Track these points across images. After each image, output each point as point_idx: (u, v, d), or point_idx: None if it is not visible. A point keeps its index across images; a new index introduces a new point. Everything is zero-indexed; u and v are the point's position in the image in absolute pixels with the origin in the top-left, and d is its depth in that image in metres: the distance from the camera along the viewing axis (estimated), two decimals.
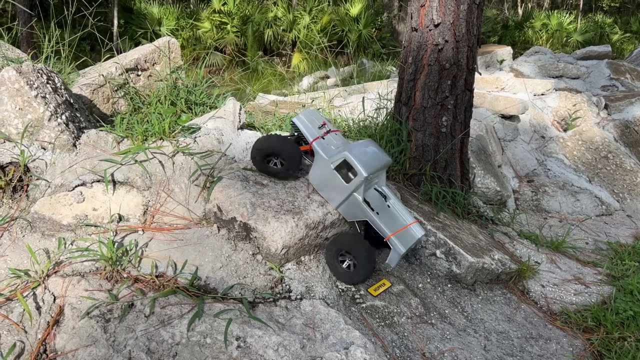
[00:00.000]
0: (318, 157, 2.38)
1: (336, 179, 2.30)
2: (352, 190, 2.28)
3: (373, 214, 2.31)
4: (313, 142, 2.40)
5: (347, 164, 2.25)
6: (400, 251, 2.30)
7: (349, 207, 2.35)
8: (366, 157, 2.27)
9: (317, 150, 2.38)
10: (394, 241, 2.30)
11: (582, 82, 6.30)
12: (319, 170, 2.39)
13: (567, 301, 2.86)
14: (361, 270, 2.27)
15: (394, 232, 2.30)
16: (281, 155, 2.42)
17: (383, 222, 2.31)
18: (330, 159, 2.31)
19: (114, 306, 1.88)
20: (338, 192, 2.33)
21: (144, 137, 2.58)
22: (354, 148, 2.28)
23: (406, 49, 3.29)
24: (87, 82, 3.08)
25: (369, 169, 2.21)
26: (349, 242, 2.28)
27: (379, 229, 2.31)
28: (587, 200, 4.31)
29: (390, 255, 2.33)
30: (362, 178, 2.20)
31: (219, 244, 2.23)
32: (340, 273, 2.31)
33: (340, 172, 2.29)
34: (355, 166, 2.21)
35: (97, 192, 2.29)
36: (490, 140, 4.20)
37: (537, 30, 20.26)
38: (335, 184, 2.32)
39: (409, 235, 2.34)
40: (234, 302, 2.01)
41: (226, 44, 16.71)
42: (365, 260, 2.25)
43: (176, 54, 3.62)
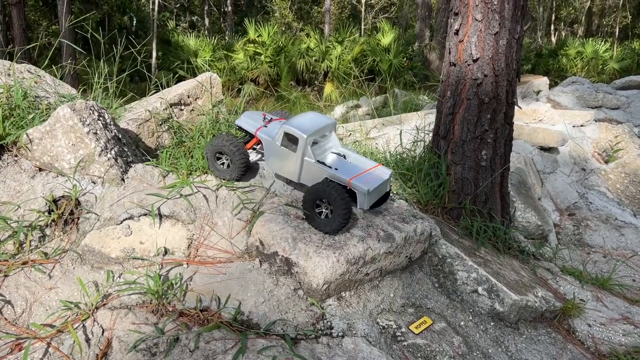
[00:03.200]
0: (265, 142, 2.50)
1: (285, 153, 2.40)
2: (301, 156, 2.35)
3: (331, 170, 2.34)
4: (257, 131, 2.54)
5: (289, 135, 2.36)
6: (364, 190, 2.27)
7: (307, 173, 2.40)
8: (303, 122, 2.39)
9: (262, 137, 2.51)
10: (355, 184, 2.29)
11: (622, 113, 6.17)
12: (269, 153, 2.48)
13: (615, 342, 2.75)
14: (337, 216, 2.28)
15: (353, 176, 2.32)
16: (228, 153, 2.51)
17: (342, 173, 2.34)
18: (274, 138, 2.43)
19: (160, 340, 1.91)
20: (292, 164, 2.41)
21: (189, 172, 2.65)
22: (290, 120, 2.42)
23: (444, 83, 3.31)
24: (134, 117, 3.20)
25: (307, 130, 2.32)
26: (323, 189, 2.29)
27: (339, 179, 2.32)
28: (632, 235, 4.17)
29: (358, 199, 2.31)
30: (304, 139, 2.30)
31: (261, 279, 2.25)
32: (318, 222, 2.35)
33: (286, 146, 2.39)
34: (294, 132, 2.32)
35: (144, 226, 2.35)
36: (529, 172, 4.14)
37: (571, 58, 20.02)
38: (287, 159, 2.41)
39: (371, 177, 2.37)
40: (276, 338, 2.02)
41: (259, 74, 17.08)
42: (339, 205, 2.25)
43: (217, 89, 3.73)
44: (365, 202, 2.32)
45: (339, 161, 2.46)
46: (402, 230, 2.60)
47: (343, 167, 2.42)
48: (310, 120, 2.44)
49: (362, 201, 2.33)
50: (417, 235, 2.67)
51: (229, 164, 2.57)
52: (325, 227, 2.34)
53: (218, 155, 2.58)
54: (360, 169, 2.41)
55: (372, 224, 2.57)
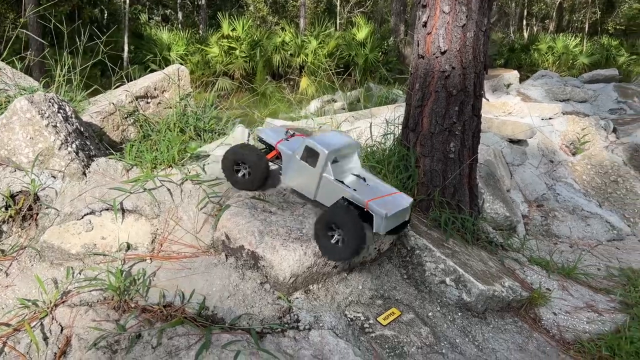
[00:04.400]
0: (285, 156, 2.44)
1: (304, 167, 2.33)
2: (320, 172, 2.28)
3: (350, 189, 2.26)
4: (277, 144, 2.47)
5: (310, 150, 2.29)
6: (382, 214, 2.14)
7: (324, 191, 2.33)
8: (326, 139, 2.33)
9: (282, 150, 2.44)
10: (373, 206, 2.17)
11: (590, 106, 6.29)
12: (288, 167, 2.42)
13: (580, 330, 2.80)
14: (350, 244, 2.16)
15: (372, 199, 2.21)
16: (248, 163, 2.46)
17: (361, 194, 2.24)
18: (294, 151, 2.36)
19: (122, 337, 1.86)
20: (310, 180, 2.33)
21: (153, 165, 2.60)
22: (313, 136, 2.36)
23: (413, 75, 3.31)
24: (98, 110, 3.12)
25: (329, 147, 2.26)
26: (337, 214, 2.19)
27: (357, 200, 2.21)
28: (597, 225, 4.26)
29: (375, 221, 2.18)
30: (325, 155, 2.23)
31: (227, 273, 2.22)
32: (327, 248, 2.23)
33: (306, 160, 2.32)
34: (315, 147, 2.26)
35: (105, 221, 2.30)
36: (498, 165, 4.19)
37: (543, 53, 20.37)
38: (305, 174, 2.33)
39: (391, 202, 2.26)
40: (241, 332, 1.99)
41: (234, 69, 16.92)
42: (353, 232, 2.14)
43: (185, 81, 3.67)
44: (382, 226, 2.18)
45: (358, 183, 2.34)
46: None
47: (362, 189, 2.30)
48: (334, 138, 2.36)
49: (379, 225, 2.18)
50: None
51: (249, 173, 2.49)
52: (335, 255, 2.22)
53: (237, 165, 2.49)
54: (380, 192, 2.30)
55: None
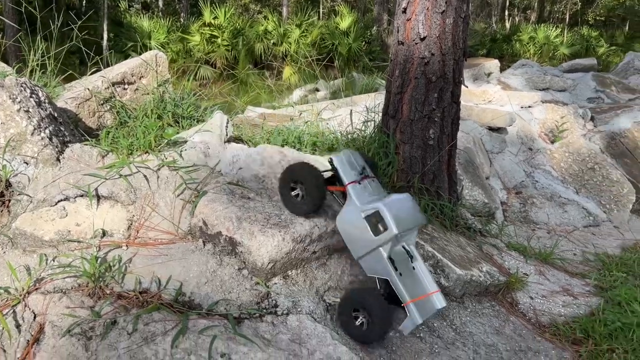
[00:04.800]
0: (350, 201, 2.24)
1: (364, 229, 2.14)
2: (378, 245, 2.12)
3: (396, 274, 2.13)
4: (348, 185, 2.26)
5: (379, 215, 2.11)
6: (416, 321, 2.11)
7: (372, 261, 2.18)
8: (400, 213, 2.14)
9: (350, 194, 2.24)
10: (411, 309, 2.11)
11: (569, 95, 6.36)
12: (348, 215, 2.24)
13: (555, 313, 2.85)
14: (376, 328, 2.12)
15: (413, 299, 2.12)
16: (304, 183, 2.32)
17: (404, 285, 2.13)
18: (362, 206, 2.17)
19: (96, 323, 1.84)
20: (363, 243, 2.17)
21: (129, 151, 2.56)
22: (390, 201, 2.17)
23: (393, 62, 3.31)
24: (73, 96, 3.06)
25: (401, 226, 2.09)
26: (364, 297, 2.14)
27: (399, 292, 2.13)
28: (574, 212, 4.33)
29: (405, 322, 2.14)
30: (392, 234, 2.07)
31: (204, 259, 2.20)
32: (353, 330, 2.16)
33: (369, 223, 2.14)
34: (387, 220, 2.07)
35: (80, 207, 2.26)
36: (477, 152, 4.22)
37: (524, 44, 20.52)
38: (362, 234, 2.16)
39: (429, 305, 2.17)
40: (219, 318, 1.98)
41: (216, 58, 16.73)
42: (380, 318, 2.10)
43: (163, 68, 3.62)
44: (410, 329, 2.15)
45: (404, 263, 2.20)
46: None
47: (407, 275, 2.17)
48: (407, 213, 2.19)
49: (407, 326, 2.14)
50: None
51: (303, 195, 2.35)
52: (360, 337, 2.16)
53: (293, 184, 2.36)
54: (422, 289, 2.18)
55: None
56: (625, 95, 6.60)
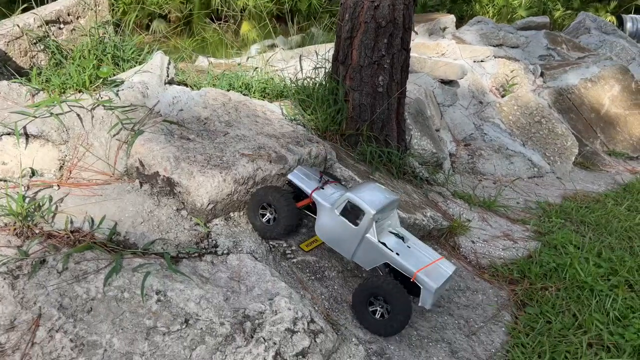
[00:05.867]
0: (320, 207, 2.20)
1: (344, 224, 2.11)
2: (363, 232, 2.09)
3: (393, 254, 2.09)
4: (312, 193, 2.23)
5: (352, 205, 2.09)
6: (432, 288, 2.02)
7: (365, 253, 2.13)
8: (370, 195, 2.12)
9: (318, 200, 2.20)
10: (422, 278, 2.03)
11: (521, 51, 6.44)
12: (324, 220, 2.19)
13: (495, 256, 2.95)
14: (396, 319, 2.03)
15: (420, 269, 2.06)
16: (276, 207, 2.23)
17: (406, 261, 2.08)
18: (333, 205, 2.14)
19: (24, 262, 1.77)
20: (349, 239, 2.12)
21: (62, 90, 2.43)
22: (356, 189, 2.15)
23: (343, 5, 3.23)
24: (1, 33, 2.86)
25: (375, 205, 2.06)
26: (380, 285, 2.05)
27: (403, 269, 2.07)
28: (520, 163, 4.45)
29: (422, 295, 2.05)
30: (371, 215, 2.04)
31: (141, 200, 2.14)
32: (371, 322, 2.09)
33: (346, 217, 2.11)
34: (360, 205, 2.05)
35: (7, 146, 2.14)
36: (429, 104, 4.24)
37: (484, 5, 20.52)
38: (344, 231, 2.12)
39: (437, 272, 2.10)
40: (155, 257, 1.95)
41: (170, 10, 16.05)
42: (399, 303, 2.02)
43: (103, 8, 3.42)
44: (430, 300, 2.04)
45: (398, 244, 2.16)
46: (296, 152, 2.57)
47: (405, 253, 2.12)
48: (378, 195, 2.14)
49: (426, 299, 2.04)
50: (311, 158, 2.66)
51: (274, 219, 2.26)
52: (380, 329, 2.07)
53: (262, 208, 2.27)
54: (425, 260, 2.13)
55: (263, 145, 2.52)
56: (575, 53, 6.73)
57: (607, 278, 2.69)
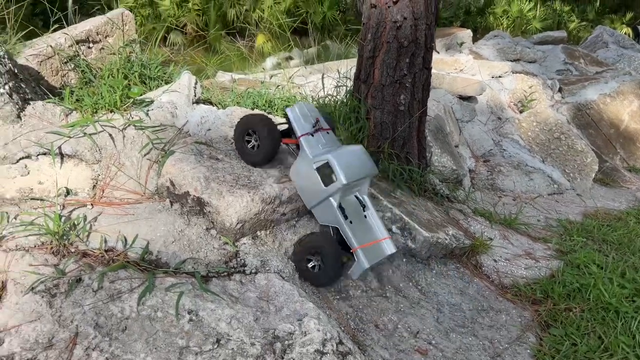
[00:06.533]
0: (303, 153, 2.32)
1: (315, 179, 2.23)
2: (328, 195, 2.22)
3: (346, 222, 2.23)
4: (301, 137, 2.33)
5: (329, 167, 2.20)
6: (363, 266, 2.20)
7: (323, 211, 2.29)
8: (350, 164, 2.22)
9: (303, 146, 2.31)
10: (359, 254, 2.21)
11: (539, 66, 6.44)
12: (300, 166, 2.33)
13: (517, 275, 2.95)
14: (329, 272, 2.23)
15: (362, 245, 2.23)
16: (257, 133, 2.36)
17: (353, 232, 2.23)
18: (314, 158, 2.25)
19: (61, 281, 1.82)
20: (315, 193, 2.27)
21: (94, 110, 2.49)
22: (340, 152, 2.24)
23: (365, 25, 3.28)
24: (34, 53, 2.94)
25: (349, 176, 2.17)
26: (318, 243, 2.25)
27: (348, 239, 2.24)
28: (540, 180, 4.44)
29: (353, 267, 2.24)
30: (341, 185, 2.15)
31: (172, 219, 2.19)
32: (307, 274, 2.26)
33: (320, 174, 2.23)
34: (336, 171, 2.16)
35: (43, 165, 2.20)
36: (448, 120, 4.26)
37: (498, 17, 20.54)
38: (313, 184, 2.25)
39: (378, 250, 2.29)
40: (186, 276, 1.99)
41: (187, 23, 16.28)
42: (333, 262, 2.20)
43: (130, 27, 3.51)
44: (357, 274, 2.24)
45: (356, 212, 2.31)
46: None
47: (358, 222, 2.29)
48: (356, 164, 2.27)
49: (356, 272, 2.23)
50: None
51: (257, 146, 2.40)
52: (312, 279, 2.26)
53: (248, 134, 2.41)
54: (371, 236, 2.30)
55: (288, 164, 2.56)
56: (593, 67, 6.72)
57: (631, 299, 2.67)
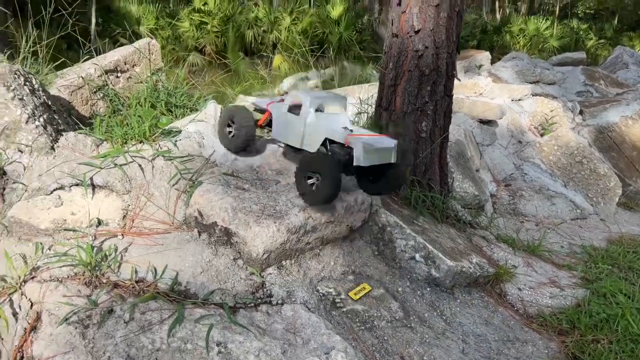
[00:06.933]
0: (274, 114, 2.53)
1: (290, 118, 2.43)
2: (305, 119, 2.37)
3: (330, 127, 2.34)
4: (269, 104, 2.56)
5: (296, 103, 2.42)
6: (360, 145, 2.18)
7: (309, 137, 2.39)
8: (310, 92, 2.45)
9: (272, 109, 2.54)
10: (351, 140, 2.24)
11: (558, 88, 6.43)
12: (277, 123, 2.52)
13: (542, 304, 2.92)
14: (325, 189, 2.25)
15: (352, 135, 2.27)
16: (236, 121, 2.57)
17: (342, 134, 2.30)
18: (283, 107, 2.49)
19: (93, 312, 1.86)
20: (296, 129, 2.42)
21: (124, 140, 2.56)
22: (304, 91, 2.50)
23: (387, 54, 3.32)
24: (66, 84, 3.05)
25: (313, 96, 2.37)
26: (317, 162, 2.29)
27: (338, 138, 2.30)
28: (562, 204, 4.40)
29: (354, 152, 2.21)
30: (308, 101, 2.34)
31: (200, 249, 2.22)
32: (306, 192, 2.33)
33: (292, 112, 2.44)
34: (299, 96, 2.40)
35: (75, 196, 2.26)
36: (468, 144, 4.27)
37: (514, 35, 20.60)
38: (291, 124, 2.43)
39: (373, 139, 2.30)
40: (214, 307, 2.01)
41: (206, 44, 16.59)
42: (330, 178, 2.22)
43: (156, 56, 3.60)
44: (362, 157, 2.18)
45: (343, 131, 2.37)
46: (344, 199, 2.63)
47: (345, 132, 2.35)
48: (320, 93, 2.51)
49: (358, 155, 2.18)
50: (357, 205, 2.71)
51: (235, 134, 2.58)
52: (313, 198, 2.33)
53: (228, 124, 2.62)
54: (362, 133, 2.39)
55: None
56: (613, 89, 6.68)
57: None
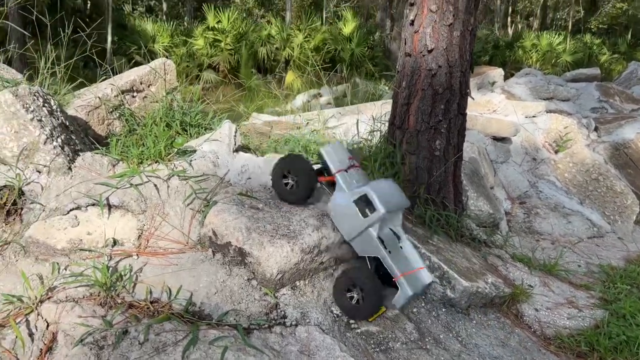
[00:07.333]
0: (339, 188, 2.43)
1: (354, 212, 2.33)
2: (367, 226, 2.30)
3: (385, 251, 2.32)
4: (337, 173, 2.45)
5: (367, 199, 2.30)
6: (408, 293, 2.30)
7: (363, 242, 2.37)
8: (386, 195, 2.34)
9: (339, 182, 2.43)
10: (402, 282, 2.30)
11: (572, 104, 6.38)
12: (338, 200, 2.42)
13: (560, 325, 2.87)
14: (368, 304, 2.28)
15: (403, 273, 2.32)
16: (296, 172, 2.52)
17: (394, 262, 2.32)
18: (351, 192, 2.36)
19: (108, 333, 1.86)
20: (354, 226, 2.35)
21: (140, 160, 2.59)
22: (375, 185, 2.37)
23: (400, 73, 3.33)
24: (83, 104, 3.09)
25: (387, 206, 2.27)
26: (357, 276, 2.31)
27: (390, 268, 2.32)
28: (578, 222, 4.35)
29: (397, 295, 2.33)
30: (380, 214, 2.25)
31: (214, 269, 2.22)
32: (347, 307, 2.32)
33: (358, 206, 2.33)
34: (374, 202, 2.26)
35: (92, 216, 2.28)
36: (482, 162, 4.24)
37: (527, 50, 20.56)
38: (352, 217, 2.34)
39: (417, 279, 2.39)
40: (228, 328, 2.00)
41: (219, 62, 16.79)
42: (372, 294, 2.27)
43: (171, 75, 3.65)
44: (402, 302, 2.34)
45: (393, 243, 2.41)
46: None
47: (396, 253, 2.39)
48: (391, 196, 2.41)
49: (400, 299, 2.33)
50: None
51: (294, 185, 2.54)
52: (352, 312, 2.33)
53: (284, 175, 2.56)
54: (410, 265, 2.41)
55: (326, 213, 2.58)
56: (628, 105, 6.62)
57: None
